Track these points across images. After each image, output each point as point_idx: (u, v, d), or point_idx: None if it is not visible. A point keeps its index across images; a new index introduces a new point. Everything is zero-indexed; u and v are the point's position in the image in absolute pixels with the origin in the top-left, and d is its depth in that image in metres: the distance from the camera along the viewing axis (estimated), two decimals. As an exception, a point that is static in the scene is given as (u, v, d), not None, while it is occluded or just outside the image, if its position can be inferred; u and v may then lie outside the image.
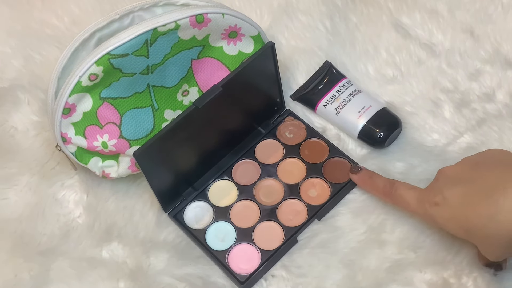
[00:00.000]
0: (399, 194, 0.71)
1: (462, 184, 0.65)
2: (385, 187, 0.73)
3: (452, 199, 0.65)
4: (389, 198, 0.73)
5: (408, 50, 0.85)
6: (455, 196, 0.65)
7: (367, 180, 0.76)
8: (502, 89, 0.81)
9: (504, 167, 0.64)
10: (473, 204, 0.63)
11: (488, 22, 0.84)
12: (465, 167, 0.67)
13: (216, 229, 0.77)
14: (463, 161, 0.69)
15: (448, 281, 0.70)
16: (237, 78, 0.72)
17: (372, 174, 0.76)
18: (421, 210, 0.69)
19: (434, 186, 0.68)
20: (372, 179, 0.75)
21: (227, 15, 0.73)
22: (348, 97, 0.81)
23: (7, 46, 0.90)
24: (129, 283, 0.74)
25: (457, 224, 0.65)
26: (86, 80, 0.70)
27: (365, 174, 0.76)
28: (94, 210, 0.79)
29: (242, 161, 0.81)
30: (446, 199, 0.65)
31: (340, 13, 0.88)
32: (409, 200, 0.70)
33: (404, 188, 0.71)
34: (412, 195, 0.70)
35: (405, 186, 0.72)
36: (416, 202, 0.69)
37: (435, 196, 0.66)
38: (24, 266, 0.75)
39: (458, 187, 0.65)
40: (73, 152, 0.75)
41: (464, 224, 0.64)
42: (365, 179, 0.76)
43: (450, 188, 0.66)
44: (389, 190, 0.72)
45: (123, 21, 0.73)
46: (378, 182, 0.75)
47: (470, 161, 0.68)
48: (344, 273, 0.73)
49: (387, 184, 0.73)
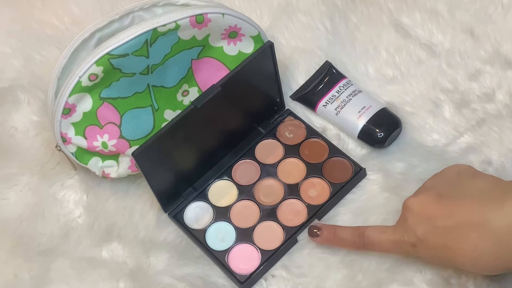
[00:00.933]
0: (372, 242, 0.69)
1: (432, 223, 0.63)
2: (355, 240, 0.69)
3: (427, 241, 0.64)
4: (363, 249, 0.70)
5: (408, 50, 0.85)
6: (429, 237, 0.63)
7: (332, 238, 0.72)
8: (502, 89, 0.81)
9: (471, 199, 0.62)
10: (452, 247, 0.62)
11: (488, 22, 0.84)
12: (429, 199, 0.65)
13: (216, 229, 0.77)
14: (425, 190, 0.66)
15: (448, 281, 0.70)
16: (236, 78, 0.72)
17: (334, 229, 0.72)
18: (401, 252, 0.67)
19: (405, 225, 0.66)
20: (337, 235, 0.71)
21: (227, 15, 0.73)
22: (348, 97, 0.81)
23: (7, 46, 0.90)
24: (129, 283, 0.74)
25: (441, 262, 0.65)
26: (86, 80, 0.70)
27: (327, 233, 0.72)
28: (94, 210, 0.79)
29: (242, 161, 0.81)
30: (421, 241, 0.64)
31: (340, 13, 0.88)
32: (386, 246, 0.68)
33: (375, 234, 0.68)
34: (387, 240, 0.67)
35: (375, 232, 0.68)
36: (394, 247, 0.67)
37: (410, 237, 0.65)
38: (24, 266, 0.75)
39: (429, 227, 0.63)
40: (73, 152, 0.75)
41: (447, 263, 0.64)
42: (329, 238, 0.72)
43: (421, 228, 0.64)
44: (360, 241, 0.69)
45: (123, 21, 0.73)
46: (344, 236, 0.71)
47: (432, 191, 0.65)
48: (344, 273, 0.73)
49: (355, 236, 0.69)
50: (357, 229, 0.70)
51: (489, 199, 0.61)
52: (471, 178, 0.65)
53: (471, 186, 0.64)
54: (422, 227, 0.64)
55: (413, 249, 0.65)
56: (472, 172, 0.67)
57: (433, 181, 0.68)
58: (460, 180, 0.65)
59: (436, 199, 0.64)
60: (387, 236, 0.68)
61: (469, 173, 0.66)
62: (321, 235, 0.72)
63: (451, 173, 0.67)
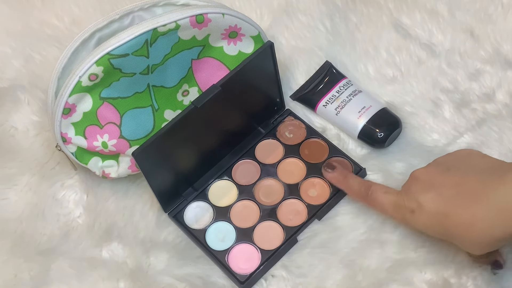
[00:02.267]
0: (374, 197, 0.71)
1: (435, 190, 0.65)
2: (360, 190, 0.72)
3: (427, 206, 0.65)
4: (365, 200, 0.73)
5: (408, 50, 0.85)
6: (430, 203, 0.65)
7: (341, 180, 0.75)
8: (502, 89, 0.81)
9: (476, 174, 0.64)
10: (450, 213, 0.63)
11: (488, 22, 0.84)
12: (437, 171, 0.67)
13: (216, 229, 0.77)
14: (435, 164, 0.69)
15: (448, 281, 0.70)
16: (236, 78, 0.72)
17: (347, 174, 0.75)
18: (398, 216, 0.69)
19: (408, 191, 0.67)
20: (347, 180, 0.75)
21: (227, 15, 0.73)
22: (348, 97, 0.81)
23: (7, 46, 0.90)
24: (129, 283, 0.74)
25: (435, 231, 0.66)
26: (86, 80, 0.70)
27: (339, 173, 0.75)
28: (94, 210, 0.79)
29: (242, 161, 0.81)
30: (421, 206, 0.65)
31: (340, 13, 0.88)
32: (385, 205, 0.70)
33: (380, 191, 0.71)
34: (388, 200, 0.69)
35: (381, 190, 0.71)
36: (392, 208, 0.69)
37: (410, 203, 0.66)
38: (24, 266, 0.75)
39: (432, 194, 0.65)
40: (73, 152, 0.75)
41: (442, 231, 0.65)
42: (339, 178, 0.75)
43: (424, 194, 0.65)
44: (365, 193, 0.72)
45: (123, 21, 0.73)
46: (352, 183, 0.74)
47: (442, 165, 0.67)
48: (345, 273, 0.73)
49: (362, 186, 0.72)
50: (365, 182, 0.73)
51: (492, 174, 0.63)
52: (480, 158, 0.67)
53: (478, 164, 0.66)
54: (424, 194, 0.65)
55: (411, 215, 0.66)
56: (481, 154, 0.69)
57: (444, 158, 0.70)
58: (469, 159, 0.68)
59: (443, 172, 0.66)
60: (389, 196, 0.69)
61: (479, 155, 0.68)
62: (332, 173, 0.75)
63: (462, 153, 0.69)
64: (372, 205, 0.72)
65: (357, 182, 0.74)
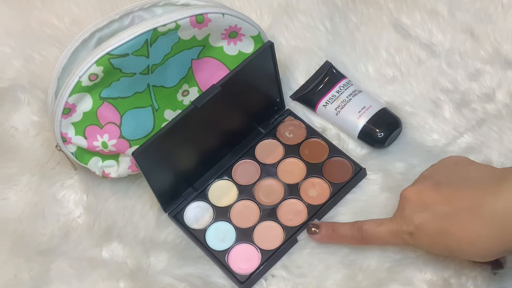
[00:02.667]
0: (371, 235, 0.69)
1: (429, 209, 0.64)
2: (353, 234, 0.70)
3: (424, 228, 0.64)
4: (362, 242, 0.71)
5: (408, 50, 0.85)
6: (427, 224, 0.64)
7: (331, 235, 0.73)
8: (502, 89, 0.81)
9: (468, 186, 0.62)
10: (449, 232, 0.62)
11: (488, 22, 0.84)
12: (427, 187, 0.65)
13: (216, 229, 0.77)
14: (422, 180, 0.67)
15: (448, 281, 0.70)
16: (236, 78, 0.72)
17: (332, 226, 0.73)
18: (399, 241, 0.67)
19: (402, 215, 0.66)
20: (336, 232, 0.72)
21: (227, 15, 0.73)
22: (348, 97, 0.81)
23: (7, 46, 0.90)
24: (129, 283, 0.73)
25: (438, 249, 0.65)
26: (86, 80, 0.70)
27: (326, 230, 0.73)
28: (94, 210, 0.79)
29: (242, 161, 0.81)
30: (419, 228, 0.64)
31: (340, 13, 0.88)
32: (384, 237, 0.68)
33: (372, 227, 0.69)
34: (385, 231, 0.68)
35: (372, 225, 0.69)
36: (392, 237, 0.68)
37: (407, 226, 0.65)
38: (24, 266, 0.75)
39: (426, 213, 0.64)
40: (73, 152, 0.75)
41: (444, 249, 0.64)
42: (328, 235, 0.73)
43: (418, 215, 0.64)
44: (359, 235, 0.70)
45: (123, 21, 0.73)
46: (342, 231, 0.72)
47: (430, 179, 0.66)
48: (344, 273, 0.73)
49: (353, 230, 0.70)
50: (355, 224, 0.71)
51: (485, 185, 0.62)
52: (468, 166, 0.66)
53: (467, 174, 0.64)
54: (419, 215, 0.64)
55: (411, 238, 0.65)
56: (468, 161, 0.67)
57: (430, 171, 0.68)
58: (457, 168, 0.66)
59: (433, 187, 0.64)
60: (384, 227, 0.68)
61: (465, 162, 0.67)
62: (319, 232, 0.73)
63: (448, 162, 0.68)
64: (370, 243, 0.71)
65: (347, 228, 0.71)
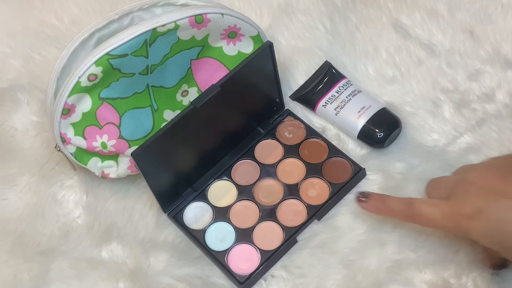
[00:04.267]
0: (421, 213, 0.66)
1: (496, 197, 0.61)
2: (403, 210, 0.67)
3: (489, 213, 0.60)
4: (410, 219, 0.68)
5: (408, 50, 0.85)
6: (493, 210, 0.60)
7: (381, 206, 0.70)
8: (502, 89, 0.81)
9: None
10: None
11: (488, 22, 0.84)
12: (496, 175, 0.63)
13: (216, 230, 0.77)
14: (491, 167, 0.65)
15: (448, 281, 0.70)
16: (235, 78, 0.72)
17: (383, 198, 0.71)
18: (452, 226, 0.64)
19: (465, 197, 0.63)
20: (386, 204, 0.70)
21: (227, 15, 0.73)
22: (348, 97, 0.81)
23: (7, 46, 0.90)
24: (129, 283, 0.74)
25: (494, 239, 0.62)
26: (85, 81, 0.70)
27: (376, 200, 0.71)
28: (94, 210, 0.79)
29: (241, 161, 0.81)
30: (482, 213, 0.61)
31: (340, 13, 0.88)
32: (436, 218, 0.65)
33: (427, 206, 0.66)
34: (438, 211, 0.64)
35: (426, 203, 0.66)
36: (446, 219, 0.64)
37: (467, 209, 0.62)
38: (24, 266, 0.75)
39: (494, 200, 0.61)
40: (73, 153, 0.75)
41: (502, 241, 0.61)
42: (378, 206, 0.70)
43: (485, 200, 0.61)
44: (409, 211, 0.67)
45: (122, 22, 0.73)
46: (393, 205, 0.69)
47: (500, 168, 0.64)
48: (344, 273, 0.73)
49: (404, 206, 0.67)
50: (406, 199, 0.68)
51: None
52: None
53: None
54: (485, 199, 0.61)
55: (468, 222, 0.62)
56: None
57: (498, 160, 0.66)
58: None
59: (503, 175, 0.62)
60: (440, 208, 0.64)
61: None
62: (368, 202, 0.71)
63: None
64: (418, 221, 0.67)
65: (397, 202, 0.68)
